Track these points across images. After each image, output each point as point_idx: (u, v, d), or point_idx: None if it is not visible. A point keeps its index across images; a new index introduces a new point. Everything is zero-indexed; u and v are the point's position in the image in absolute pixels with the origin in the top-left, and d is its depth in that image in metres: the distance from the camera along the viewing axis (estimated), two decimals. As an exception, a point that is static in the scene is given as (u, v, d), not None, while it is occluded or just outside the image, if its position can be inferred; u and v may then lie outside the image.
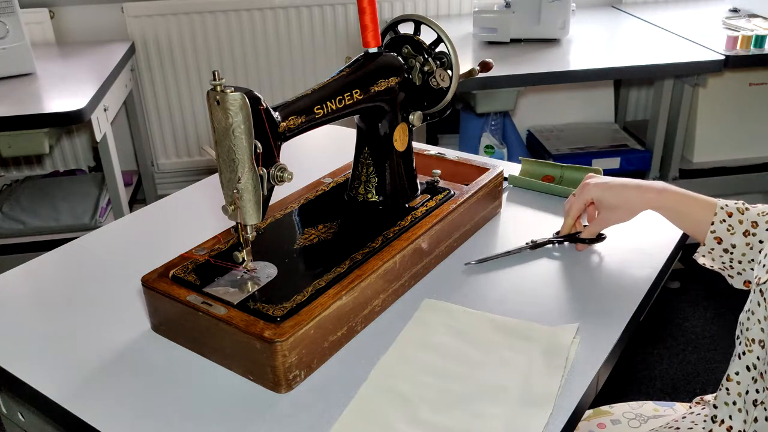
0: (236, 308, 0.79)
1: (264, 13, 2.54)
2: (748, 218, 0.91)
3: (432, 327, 0.86)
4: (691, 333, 2.18)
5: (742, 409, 0.80)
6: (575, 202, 1.00)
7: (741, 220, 0.91)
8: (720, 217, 0.91)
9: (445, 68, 1.00)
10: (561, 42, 2.25)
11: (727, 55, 2.00)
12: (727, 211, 0.91)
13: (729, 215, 0.91)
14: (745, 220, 0.91)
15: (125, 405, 0.76)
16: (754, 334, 0.77)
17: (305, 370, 0.78)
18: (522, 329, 0.84)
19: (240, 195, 0.79)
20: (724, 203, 0.92)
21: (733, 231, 0.91)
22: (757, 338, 0.76)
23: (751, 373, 0.77)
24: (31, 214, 2.18)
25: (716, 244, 0.92)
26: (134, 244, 1.10)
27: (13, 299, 0.96)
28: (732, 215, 0.91)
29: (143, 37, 2.50)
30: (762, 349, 0.76)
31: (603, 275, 0.97)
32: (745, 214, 0.91)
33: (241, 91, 0.75)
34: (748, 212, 0.91)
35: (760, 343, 0.76)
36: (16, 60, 1.99)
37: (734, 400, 0.81)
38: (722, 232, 0.91)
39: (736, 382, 0.80)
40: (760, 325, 0.76)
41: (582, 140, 2.58)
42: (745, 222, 0.91)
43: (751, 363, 0.78)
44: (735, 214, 0.91)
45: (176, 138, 2.69)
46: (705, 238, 0.92)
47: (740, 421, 0.80)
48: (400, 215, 0.99)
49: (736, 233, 0.91)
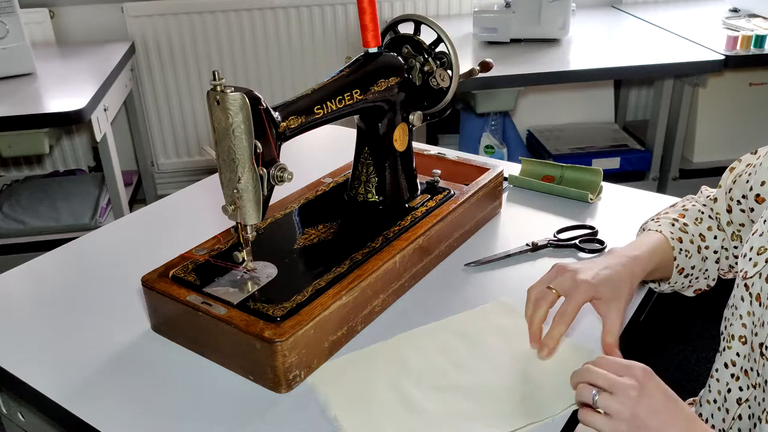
0: (236, 308, 0.79)
1: (264, 13, 2.54)
2: (694, 234, 0.89)
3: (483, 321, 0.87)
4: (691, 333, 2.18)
5: (721, 408, 0.79)
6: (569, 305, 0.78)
7: (691, 240, 0.88)
8: (677, 249, 0.87)
9: (445, 68, 1.00)
10: (561, 42, 2.25)
11: (727, 55, 2.00)
12: (677, 238, 0.87)
13: (680, 241, 0.87)
14: (693, 238, 0.89)
15: (125, 405, 0.76)
16: (736, 330, 0.75)
17: (305, 370, 0.78)
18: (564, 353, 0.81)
19: (240, 195, 0.79)
20: (669, 232, 0.87)
21: (690, 254, 0.88)
22: (738, 334, 0.75)
23: (729, 369, 0.77)
24: (31, 214, 2.18)
25: (679, 276, 0.89)
26: (134, 244, 1.10)
27: (13, 299, 0.96)
28: (682, 240, 0.88)
29: (143, 37, 2.49)
30: (743, 346, 0.75)
31: (603, 275, 0.97)
32: (689, 231, 0.89)
33: (241, 91, 0.75)
34: (689, 227, 0.89)
35: (740, 339, 0.75)
36: (16, 60, 1.99)
37: (715, 398, 0.80)
38: (683, 261, 0.88)
39: (716, 379, 0.79)
40: (741, 321, 0.75)
41: (582, 140, 2.58)
42: (695, 239, 0.89)
43: (729, 360, 0.76)
44: (683, 237, 0.88)
45: (176, 138, 2.69)
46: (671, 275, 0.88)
47: (719, 420, 0.79)
48: (400, 215, 0.99)
49: (692, 255, 0.88)
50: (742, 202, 0.86)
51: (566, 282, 0.78)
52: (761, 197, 0.81)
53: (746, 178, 0.84)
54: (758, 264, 0.73)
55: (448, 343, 0.83)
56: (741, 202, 0.86)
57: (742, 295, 0.75)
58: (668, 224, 0.89)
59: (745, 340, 0.74)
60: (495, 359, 0.81)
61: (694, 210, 0.92)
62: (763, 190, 0.81)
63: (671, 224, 0.89)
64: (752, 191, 0.82)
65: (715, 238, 0.90)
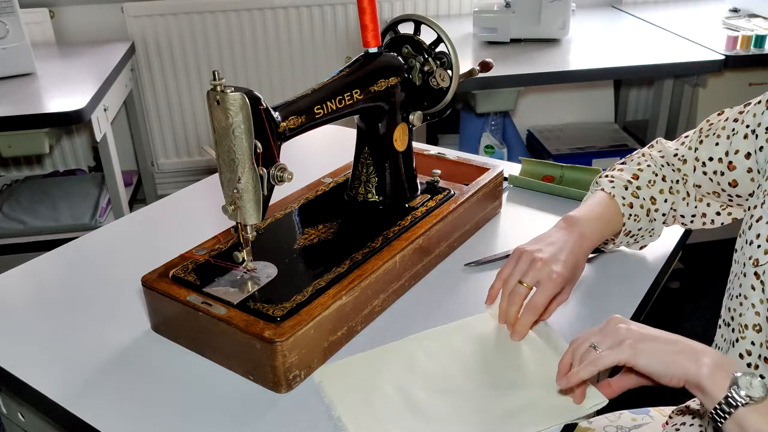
0: (236, 308, 0.79)
1: (264, 13, 2.54)
2: (645, 198, 0.93)
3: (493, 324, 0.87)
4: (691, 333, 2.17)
5: None
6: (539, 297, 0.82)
7: (641, 205, 0.92)
8: (627, 214, 0.92)
9: (445, 68, 1.00)
10: (561, 42, 2.25)
11: (727, 55, 2.00)
12: (627, 203, 0.92)
13: (630, 206, 0.92)
14: (644, 203, 0.93)
15: (125, 405, 0.76)
16: (748, 319, 0.74)
17: (305, 370, 0.78)
18: None
19: (240, 195, 0.79)
20: (621, 197, 0.92)
21: (639, 219, 0.93)
22: (751, 323, 0.74)
23: (745, 359, 0.75)
24: (31, 214, 2.18)
25: (625, 237, 0.94)
26: (134, 244, 1.10)
27: (13, 299, 0.96)
28: (633, 205, 0.92)
29: (143, 37, 2.49)
30: (758, 334, 0.73)
31: (603, 276, 0.97)
32: (640, 196, 0.93)
33: (241, 91, 0.75)
34: (641, 192, 0.93)
35: (755, 327, 0.74)
36: (16, 60, 1.99)
37: None
38: (631, 225, 0.93)
39: None
40: (754, 309, 0.73)
41: (582, 140, 2.58)
42: (645, 203, 0.93)
43: (744, 350, 0.75)
44: (634, 203, 0.92)
45: (176, 138, 2.69)
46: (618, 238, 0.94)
47: None
48: (400, 215, 0.99)
49: (641, 219, 0.93)
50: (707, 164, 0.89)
51: (539, 274, 0.83)
52: (732, 165, 0.84)
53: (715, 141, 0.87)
54: None
55: (458, 347, 0.83)
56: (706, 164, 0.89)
57: (752, 284, 0.74)
58: (621, 187, 0.93)
59: (760, 328, 0.73)
60: (503, 364, 0.80)
61: (648, 171, 0.95)
62: (737, 158, 0.84)
63: (624, 188, 0.93)
64: (727, 157, 0.85)
65: (665, 202, 0.94)
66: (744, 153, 0.82)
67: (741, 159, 0.83)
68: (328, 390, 0.76)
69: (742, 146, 0.83)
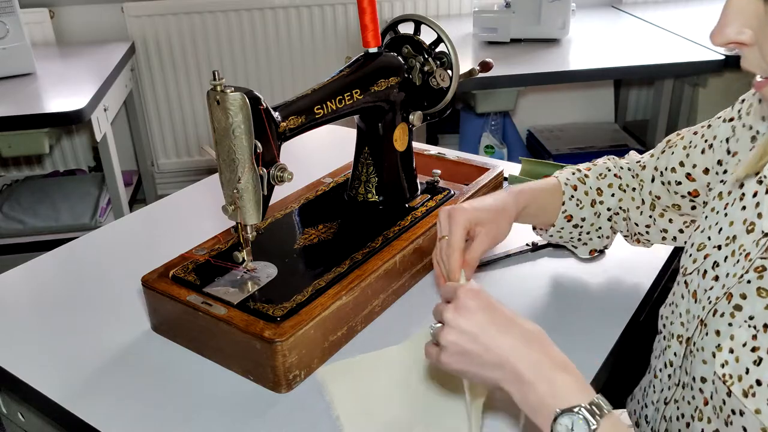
0: (236, 308, 0.79)
1: (264, 13, 2.54)
2: (591, 187, 0.91)
3: None
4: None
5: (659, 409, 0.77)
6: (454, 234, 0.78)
7: (586, 191, 0.91)
8: (568, 194, 0.90)
9: (445, 68, 1.00)
10: (561, 42, 2.25)
11: (727, 55, 2.00)
12: (571, 185, 0.91)
13: (574, 188, 0.90)
14: (589, 190, 0.91)
15: (125, 405, 0.76)
16: (675, 329, 0.73)
17: (305, 370, 0.78)
18: None
19: (240, 195, 0.79)
20: (565, 178, 0.91)
21: (581, 205, 0.91)
22: (677, 333, 0.73)
23: (667, 369, 0.75)
24: (31, 214, 2.18)
25: (566, 222, 0.91)
26: (134, 244, 1.10)
27: (13, 299, 0.96)
28: (577, 188, 0.91)
29: (143, 37, 2.49)
30: (680, 345, 0.72)
31: (603, 275, 0.97)
32: (587, 183, 0.91)
33: (241, 91, 0.75)
34: (589, 180, 0.92)
35: (678, 338, 0.73)
36: (16, 60, 1.99)
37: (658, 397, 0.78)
38: (572, 208, 0.91)
39: (660, 379, 0.77)
40: (680, 319, 0.72)
41: (582, 140, 2.58)
42: (590, 192, 0.91)
43: (668, 360, 0.75)
44: (579, 186, 0.91)
45: (176, 138, 2.69)
46: (556, 219, 0.91)
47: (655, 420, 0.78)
48: (400, 215, 0.99)
49: (584, 206, 0.91)
50: (664, 174, 0.87)
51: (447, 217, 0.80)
52: (692, 177, 0.83)
53: (673, 150, 0.86)
54: (697, 260, 0.72)
55: None
56: (663, 173, 0.87)
57: (682, 293, 0.73)
58: (569, 172, 0.92)
59: (682, 339, 0.72)
60: None
61: (602, 166, 0.94)
62: (695, 172, 0.82)
63: (572, 173, 0.92)
64: (683, 167, 0.84)
65: (612, 196, 0.91)
66: (702, 168, 0.81)
67: (699, 173, 0.82)
68: (329, 389, 0.76)
69: (699, 161, 0.82)
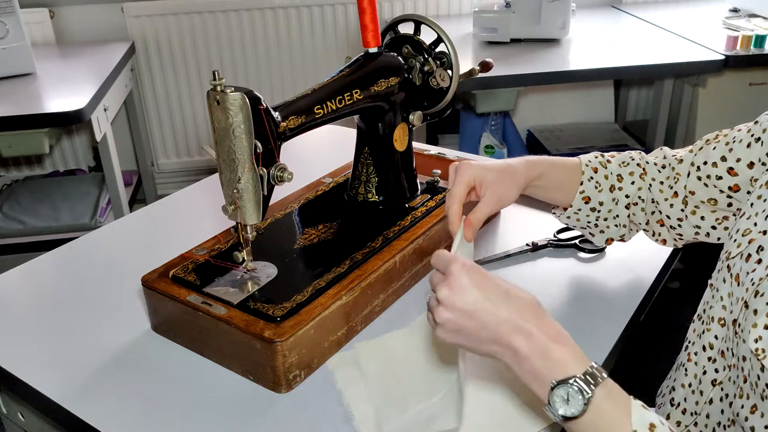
0: (236, 308, 0.79)
1: (264, 13, 2.54)
2: (612, 172, 0.91)
3: None
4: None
5: (695, 391, 0.78)
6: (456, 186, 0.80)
7: (606, 175, 0.90)
8: (587, 175, 0.90)
9: (445, 68, 1.00)
10: (561, 42, 2.25)
11: (727, 55, 2.00)
12: (592, 167, 0.90)
13: (595, 171, 0.90)
14: (609, 175, 0.91)
15: (125, 405, 0.76)
16: (716, 312, 0.74)
17: (305, 370, 0.78)
18: None
19: (240, 195, 0.79)
20: (587, 160, 0.91)
21: (600, 188, 0.90)
22: (717, 316, 0.74)
23: (707, 352, 0.76)
24: (31, 214, 2.18)
25: (584, 204, 0.91)
26: (134, 244, 1.10)
27: (13, 299, 0.96)
28: (597, 171, 0.90)
29: (143, 37, 2.49)
30: (722, 328, 0.73)
31: (603, 275, 0.97)
32: (608, 168, 0.91)
33: (241, 91, 0.75)
34: (611, 165, 0.91)
35: (719, 321, 0.74)
36: (16, 60, 1.99)
37: (690, 381, 0.79)
38: (590, 190, 0.90)
39: (694, 362, 0.79)
40: (722, 303, 0.74)
41: (582, 140, 2.58)
42: (611, 177, 0.91)
43: (707, 342, 0.76)
44: (600, 170, 0.90)
45: (176, 138, 2.69)
46: (573, 199, 0.90)
47: (692, 403, 0.79)
48: (400, 215, 0.99)
49: (603, 190, 0.90)
50: (702, 169, 0.85)
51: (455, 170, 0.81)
52: (734, 171, 0.81)
53: (714, 145, 0.84)
54: (741, 244, 0.73)
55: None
56: (701, 168, 0.85)
57: (724, 277, 0.75)
58: (592, 155, 0.92)
59: (724, 323, 0.73)
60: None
61: (626, 155, 0.93)
62: (738, 166, 0.81)
63: (595, 156, 0.92)
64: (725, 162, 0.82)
65: (632, 184, 0.91)
66: (747, 162, 0.80)
67: (743, 167, 0.80)
68: (339, 376, 0.77)
69: (743, 155, 0.80)
